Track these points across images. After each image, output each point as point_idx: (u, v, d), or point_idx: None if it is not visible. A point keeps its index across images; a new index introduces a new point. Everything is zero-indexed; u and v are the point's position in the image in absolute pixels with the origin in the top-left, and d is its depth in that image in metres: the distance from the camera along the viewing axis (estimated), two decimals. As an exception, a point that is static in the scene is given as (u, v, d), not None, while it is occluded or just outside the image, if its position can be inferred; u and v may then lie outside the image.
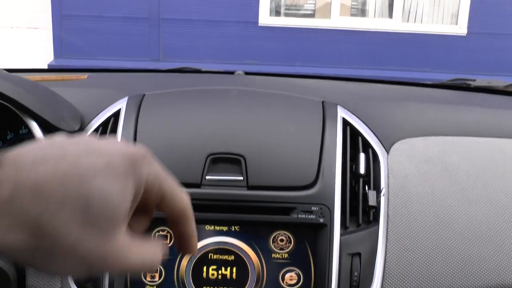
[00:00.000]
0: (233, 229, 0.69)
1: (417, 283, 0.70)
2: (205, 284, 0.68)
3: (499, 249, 0.72)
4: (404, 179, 0.76)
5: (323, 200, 0.69)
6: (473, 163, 0.80)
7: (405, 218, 0.73)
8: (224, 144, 0.72)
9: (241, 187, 0.69)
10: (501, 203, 0.76)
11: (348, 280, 0.68)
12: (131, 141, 0.73)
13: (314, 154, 0.72)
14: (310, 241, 0.68)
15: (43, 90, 0.80)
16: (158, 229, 0.69)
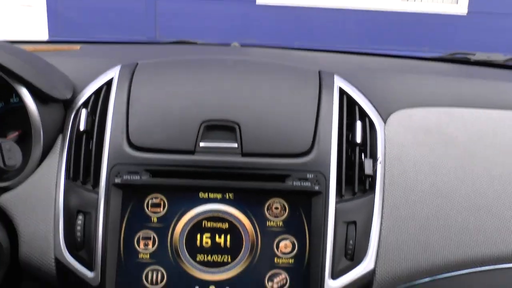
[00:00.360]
0: (227, 197, 0.68)
1: (412, 252, 0.69)
2: (198, 252, 0.67)
3: (496, 220, 0.72)
4: (401, 148, 0.75)
5: (319, 167, 0.68)
6: (472, 134, 0.78)
7: (402, 187, 0.72)
8: (219, 111, 0.70)
9: (235, 154, 0.68)
10: (498, 174, 0.75)
11: (343, 249, 0.67)
12: (124, 110, 0.71)
13: (310, 121, 0.71)
14: (305, 209, 0.68)
15: (35, 59, 0.78)
16: (151, 196, 0.68)
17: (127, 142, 0.69)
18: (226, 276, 0.67)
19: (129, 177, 0.67)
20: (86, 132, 0.72)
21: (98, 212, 0.67)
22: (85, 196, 0.69)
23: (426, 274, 0.70)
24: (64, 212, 0.69)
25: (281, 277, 0.67)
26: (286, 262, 0.67)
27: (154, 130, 0.69)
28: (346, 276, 0.67)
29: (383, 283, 0.69)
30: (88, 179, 0.70)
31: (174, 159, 0.68)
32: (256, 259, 0.67)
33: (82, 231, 0.67)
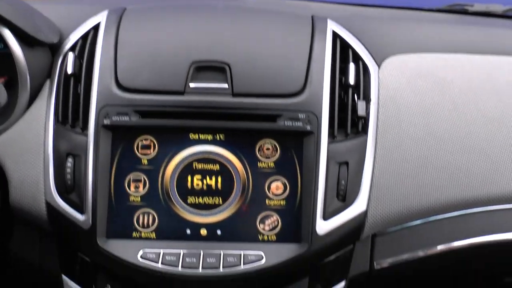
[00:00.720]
0: (218, 138, 0.67)
1: (404, 194, 0.69)
2: (189, 194, 0.67)
3: (488, 161, 0.71)
4: (395, 91, 0.74)
5: (311, 107, 0.67)
6: (467, 78, 0.77)
7: (395, 129, 0.71)
8: (209, 52, 0.69)
9: (226, 95, 0.67)
10: (493, 117, 0.74)
11: (335, 189, 0.67)
12: (112, 52, 0.69)
13: (302, 62, 0.69)
14: (297, 149, 0.67)
15: (20, 3, 0.76)
16: (141, 137, 0.67)
17: (116, 84, 0.68)
18: (218, 218, 0.67)
19: (118, 118, 0.66)
20: (74, 75, 0.70)
21: (87, 155, 0.66)
22: (75, 139, 0.68)
23: (418, 216, 0.70)
24: (54, 155, 0.68)
25: (272, 219, 0.67)
26: (277, 204, 0.67)
27: (143, 71, 0.68)
28: (338, 217, 0.66)
29: (374, 225, 0.69)
30: (77, 123, 0.69)
31: (164, 100, 0.66)
32: (247, 201, 0.67)
33: (72, 174, 0.67)
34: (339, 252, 0.69)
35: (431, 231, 0.71)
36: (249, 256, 0.65)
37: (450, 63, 0.79)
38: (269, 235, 0.66)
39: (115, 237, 0.66)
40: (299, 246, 0.65)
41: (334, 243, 0.67)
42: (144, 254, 0.65)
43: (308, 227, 0.65)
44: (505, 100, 0.75)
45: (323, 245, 0.66)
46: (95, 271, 0.69)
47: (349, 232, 0.67)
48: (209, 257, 0.65)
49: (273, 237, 0.66)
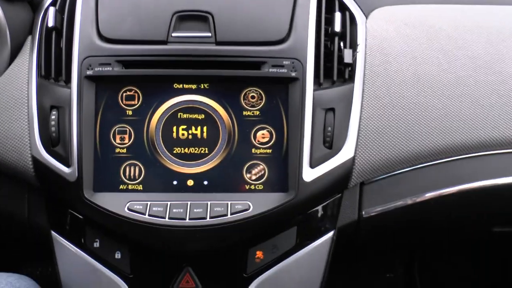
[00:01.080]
0: (202, 87, 0.66)
1: (392, 140, 0.68)
2: (175, 144, 0.66)
3: (476, 107, 0.71)
4: (383, 40, 0.73)
5: (295, 54, 0.66)
6: (456, 27, 0.76)
7: (383, 76, 0.70)
8: (191, 1, 0.68)
9: (209, 43, 0.66)
10: (482, 63, 0.73)
11: (322, 136, 0.66)
12: (93, 4, 0.69)
13: (286, 10, 0.68)
14: (282, 97, 0.66)
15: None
16: (125, 88, 0.67)
17: (97, 35, 0.67)
18: (204, 168, 0.66)
19: (101, 69, 0.65)
20: (56, 29, 0.70)
21: (71, 106, 0.66)
22: (58, 91, 0.67)
23: (406, 163, 0.69)
24: (38, 109, 0.68)
25: (259, 168, 0.66)
26: (264, 153, 0.66)
27: (125, 22, 0.67)
28: (325, 164, 0.66)
29: (362, 173, 0.68)
30: (60, 77, 0.69)
31: (146, 49, 0.66)
32: (233, 150, 0.66)
33: (56, 127, 0.66)
34: (327, 201, 0.69)
35: (419, 178, 0.70)
36: (236, 205, 0.64)
37: (438, 12, 0.78)
38: (256, 184, 0.66)
39: (102, 190, 0.66)
40: (286, 194, 0.65)
41: (321, 191, 0.66)
42: (131, 205, 0.65)
43: (295, 175, 0.65)
44: (494, 46, 0.75)
45: (310, 194, 0.65)
46: (84, 226, 0.69)
47: (337, 180, 0.67)
48: (196, 207, 0.65)
49: (260, 186, 0.66)
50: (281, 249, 0.67)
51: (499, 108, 0.71)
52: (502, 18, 0.79)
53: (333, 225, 0.69)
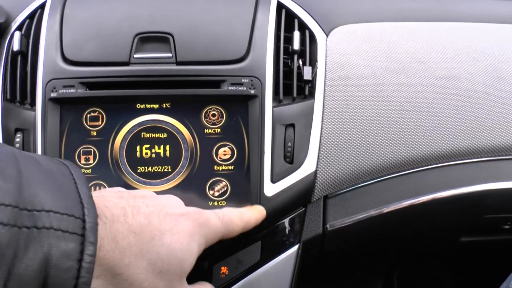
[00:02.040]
0: (164, 106, 0.68)
1: (354, 154, 0.70)
2: (139, 163, 0.67)
3: (436, 118, 0.73)
4: (343, 57, 0.75)
5: (254, 72, 0.68)
6: (414, 42, 0.79)
7: (343, 91, 0.72)
8: (152, 23, 0.70)
9: (170, 63, 0.68)
10: (439, 76, 0.75)
11: (282, 151, 0.67)
12: (57, 28, 0.70)
13: (245, 30, 0.70)
14: (242, 114, 0.68)
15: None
16: (89, 110, 0.68)
17: (62, 57, 0.68)
18: (168, 186, 0.67)
19: (65, 91, 0.67)
20: (21, 53, 0.71)
21: (36, 128, 0.67)
22: (23, 114, 0.69)
23: (369, 176, 0.71)
24: (3, 132, 0.69)
25: (221, 185, 0.67)
26: (226, 169, 0.67)
27: (88, 44, 0.69)
28: (286, 179, 0.67)
29: (325, 186, 0.69)
30: (26, 100, 0.70)
31: (109, 70, 0.67)
32: (196, 168, 0.67)
33: (21, 149, 0.67)
34: (291, 215, 0.69)
35: (382, 190, 0.71)
36: None
37: (397, 29, 0.81)
38: (219, 200, 0.67)
39: None
40: None
41: (283, 205, 0.67)
42: None
43: (256, 190, 0.66)
44: (452, 60, 0.77)
45: (272, 208, 0.66)
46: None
47: (299, 194, 0.68)
48: None
49: (223, 202, 0.67)
50: (245, 264, 0.68)
51: (457, 121, 0.73)
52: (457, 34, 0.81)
53: (297, 239, 0.70)
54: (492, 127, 0.73)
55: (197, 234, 0.49)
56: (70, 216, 0.39)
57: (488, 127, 0.73)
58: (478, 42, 0.79)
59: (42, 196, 0.39)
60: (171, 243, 0.45)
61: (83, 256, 0.38)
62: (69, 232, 0.38)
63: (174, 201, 0.52)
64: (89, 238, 0.39)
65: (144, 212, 0.46)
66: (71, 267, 0.37)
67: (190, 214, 0.50)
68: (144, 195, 0.50)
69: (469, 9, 0.86)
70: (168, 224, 0.47)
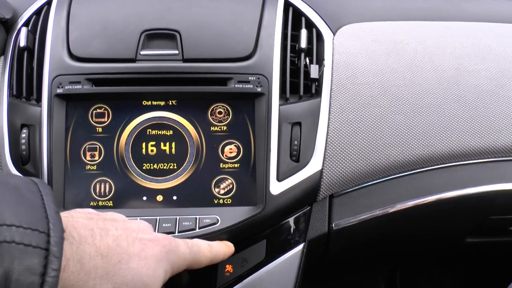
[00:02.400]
0: (170, 103, 0.68)
1: (360, 154, 0.69)
2: (144, 160, 0.67)
3: (442, 118, 0.72)
4: (350, 56, 0.75)
5: (261, 70, 0.67)
6: (422, 41, 0.78)
7: (350, 90, 0.72)
8: (159, 20, 0.70)
9: (176, 61, 0.68)
10: (447, 76, 0.75)
11: (288, 150, 0.67)
12: (64, 24, 0.70)
13: (252, 28, 0.70)
14: (249, 112, 0.67)
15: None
16: (95, 106, 0.68)
17: (68, 53, 0.68)
18: (173, 184, 0.67)
19: (71, 87, 0.67)
20: (28, 49, 0.71)
21: (42, 124, 0.67)
22: (29, 110, 0.68)
23: (375, 176, 0.70)
24: (9, 128, 0.68)
25: (227, 183, 0.67)
26: (231, 167, 0.67)
27: (95, 41, 0.68)
28: (292, 178, 0.66)
29: (331, 185, 0.69)
30: (32, 96, 0.70)
31: (115, 67, 0.67)
32: (201, 165, 0.67)
33: (27, 145, 0.67)
34: (296, 213, 0.69)
35: (389, 190, 0.71)
36: (204, 219, 0.65)
37: (405, 28, 0.80)
38: (224, 198, 0.67)
39: (72, 207, 0.66)
40: (254, 208, 0.65)
41: (289, 204, 0.67)
42: None
43: (262, 189, 0.66)
44: (458, 60, 0.76)
45: (277, 207, 0.66)
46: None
47: (305, 193, 0.68)
48: (165, 222, 0.65)
49: (228, 201, 0.67)
50: (250, 262, 0.67)
51: (464, 121, 0.72)
52: (464, 33, 0.81)
53: (302, 238, 0.70)
54: (500, 127, 0.73)
55: (164, 260, 0.48)
56: (34, 230, 0.38)
57: (495, 128, 0.73)
58: (486, 42, 0.79)
59: (5, 211, 0.38)
60: (137, 267, 0.45)
61: (46, 270, 0.37)
62: (32, 246, 0.37)
63: (144, 226, 0.51)
64: (54, 253, 0.38)
65: (113, 235, 0.45)
66: (34, 281, 0.36)
67: (159, 240, 0.49)
68: (114, 218, 0.49)
69: (477, 9, 0.86)
70: (136, 248, 0.46)
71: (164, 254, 0.48)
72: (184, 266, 0.52)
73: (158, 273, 0.47)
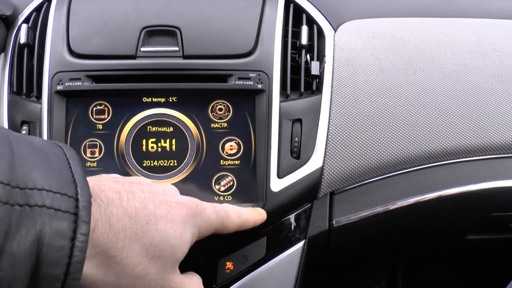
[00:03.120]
0: (171, 100, 0.67)
1: (361, 150, 0.69)
2: (145, 157, 0.67)
3: (444, 115, 0.72)
4: (351, 52, 0.74)
5: (261, 67, 0.67)
6: (423, 38, 0.78)
7: (350, 87, 0.71)
8: (159, 17, 0.70)
9: (177, 57, 0.68)
10: (448, 72, 0.75)
11: (289, 147, 0.67)
12: (64, 21, 0.70)
13: (253, 24, 0.70)
14: (249, 109, 0.67)
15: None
16: (95, 103, 0.68)
17: (68, 50, 0.68)
18: (173, 181, 0.67)
19: (71, 84, 0.67)
20: (28, 46, 0.71)
21: (42, 121, 0.67)
22: (29, 107, 0.68)
23: (376, 172, 0.70)
24: (9, 124, 0.68)
25: (227, 179, 0.67)
26: (232, 164, 0.67)
27: (95, 38, 0.68)
28: (293, 174, 0.66)
29: (331, 182, 0.69)
30: (32, 93, 0.70)
31: (115, 64, 0.67)
32: (202, 162, 0.67)
33: None
34: (297, 210, 0.69)
35: (390, 187, 0.71)
36: None
37: (406, 25, 0.80)
38: (224, 195, 0.67)
39: None
40: (254, 205, 0.65)
41: (290, 201, 0.67)
42: None
43: (262, 185, 0.65)
44: (461, 56, 0.76)
45: (278, 204, 0.66)
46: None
47: (305, 190, 0.67)
48: None
49: (229, 197, 0.67)
50: (251, 259, 0.67)
51: (465, 117, 0.72)
52: (466, 30, 0.80)
53: (303, 235, 0.70)
54: (501, 124, 0.73)
55: (191, 223, 0.48)
56: (63, 195, 0.38)
57: (496, 124, 0.73)
58: (488, 39, 0.79)
59: (35, 174, 0.38)
60: (165, 229, 0.45)
61: (76, 235, 0.37)
62: (61, 210, 0.37)
63: (170, 188, 0.51)
64: (82, 217, 0.38)
65: (140, 197, 0.45)
66: (64, 245, 0.37)
67: (186, 202, 0.49)
68: (140, 182, 0.49)
69: (479, 5, 0.86)
70: (163, 210, 0.46)
71: (191, 216, 0.48)
72: (211, 230, 0.52)
73: (185, 235, 0.46)
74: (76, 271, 0.37)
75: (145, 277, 0.43)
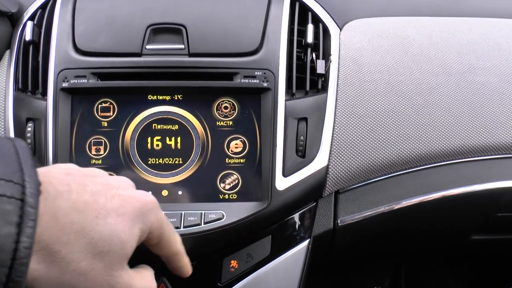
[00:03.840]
0: (176, 98, 0.67)
1: (366, 149, 0.69)
2: (150, 155, 0.67)
3: (449, 114, 0.72)
4: (356, 51, 0.74)
5: (267, 65, 0.67)
6: (429, 37, 0.78)
7: (356, 86, 0.71)
8: (165, 15, 0.69)
9: (182, 55, 0.67)
10: (453, 72, 0.74)
11: (294, 145, 0.67)
12: (69, 18, 0.70)
13: (259, 23, 0.70)
14: (255, 107, 0.67)
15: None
16: (100, 100, 0.67)
17: (73, 48, 0.68)
18: (178, 179, 0.67)
19: (77, 81, 0.66)
20: (33, 43, 0.71)
21: (47, 118, 0.66)
22: (35, 104, 0.68)
23: (381, 172, 0.70)
24: (14, 121, 0.68)
25: (233, 178, 0.67)
26: (237, 162, 0.67)
27: (100, 35, 0.68)
28: (298, 173, 0.66)
29: (336, 181, 0.69)
30: (37, 90, 0.70)
31: (121, 61, 0.67)
32: (207, 160, 0.67)
33: (32, 138, 0.67)
34: (302, 209, 0.69)
35: (394, 186, 0.71)
36: (210, 215, 0.65)
37: (412, 23, 0.80)
38: (229, 193, 0.67)
39: None
40: (259, 203, 0.65)
41: (295, 200, 0.67)
42: None
43: (268, 184, 0.65)
44: (467, 55, 0.76)
45: (283, 202, 0.66)
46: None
47: (310, 189, 0.67)
48: (170, 217, 0.65)
49: (234, 196, 0.66)
50: (255, 258, 0.67)
51: (471, 117, 0.72)
52: (472, 29, 0.80)
53: (308, 234, 0.70)
54: (506, 124, 0.73)
55: (142, 219, 0.46)
56: (8, 182, 0.37)
57: (502, 124, 0.72)
58: (494, 38, 0.78)
59: None
60: (115, 223, 0.43)
61: (23, 220, 0.36)
62: (6, 196, 0.36)
63: (125, 182, 0.49)
64: (30, 203, 0.37)
65: (91, 190, 0.43)
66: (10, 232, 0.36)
67: (141, 197, 0.47)
68: (95, 174, 0.47)
69: (485, 4, 0.85)
70: (115, 203, 0.44)
71: (144, 212, 0.46)
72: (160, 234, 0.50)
73: (135, 230, 0.45)
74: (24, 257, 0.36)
75: (89, 273, 0.42)
